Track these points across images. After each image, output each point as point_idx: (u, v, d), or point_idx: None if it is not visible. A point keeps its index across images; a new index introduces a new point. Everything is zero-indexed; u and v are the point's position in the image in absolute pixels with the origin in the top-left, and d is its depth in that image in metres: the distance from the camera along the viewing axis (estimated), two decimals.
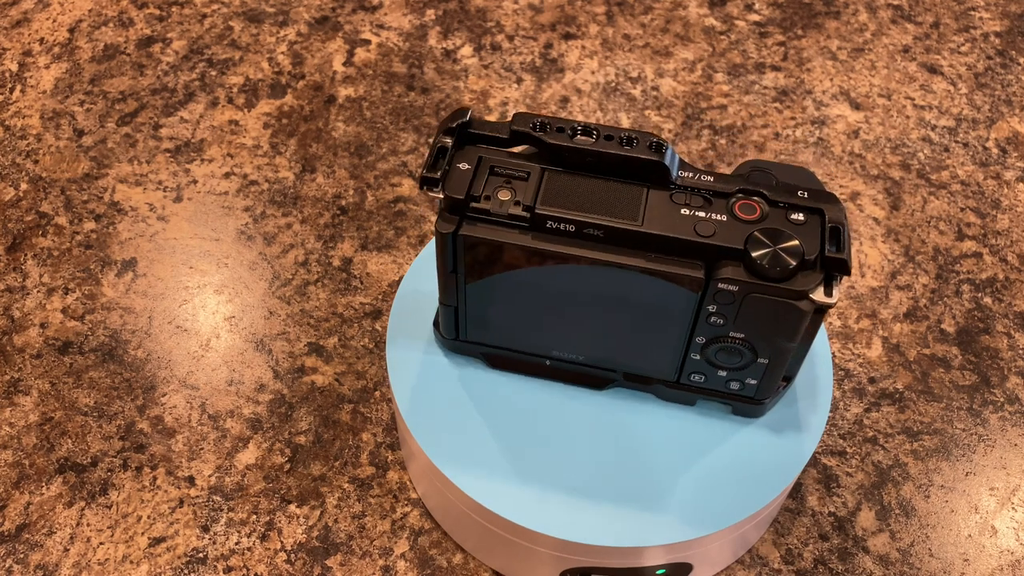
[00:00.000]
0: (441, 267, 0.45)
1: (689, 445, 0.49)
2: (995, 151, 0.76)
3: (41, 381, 0.61)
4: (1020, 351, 0.64)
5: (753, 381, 0.47)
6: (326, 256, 0.68)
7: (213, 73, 0.79)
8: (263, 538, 0.55)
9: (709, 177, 0.43)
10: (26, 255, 0.68)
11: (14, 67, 0.80)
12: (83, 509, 0.56)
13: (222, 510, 0.56)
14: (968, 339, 0.64)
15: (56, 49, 0.81)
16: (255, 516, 0.56)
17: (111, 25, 0.83)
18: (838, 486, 0.58)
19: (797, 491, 0.57)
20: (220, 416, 0.60)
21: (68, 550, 0.55)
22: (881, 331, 0.65)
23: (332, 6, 0.85)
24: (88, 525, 0.56)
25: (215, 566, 0.54)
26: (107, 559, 0.54)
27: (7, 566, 0.54)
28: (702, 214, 0.42)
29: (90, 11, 0.84)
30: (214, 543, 0.55)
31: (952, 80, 0.81)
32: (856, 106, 0.78)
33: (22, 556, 0.54)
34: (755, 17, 0.85)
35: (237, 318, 0.65)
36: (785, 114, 0.78)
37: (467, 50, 0.81)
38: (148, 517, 0.56)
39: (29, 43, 0.82)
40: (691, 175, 0.43)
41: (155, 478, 0.57)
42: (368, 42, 0.82)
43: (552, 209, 0.42)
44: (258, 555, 0.55)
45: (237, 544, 0.55)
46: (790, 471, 0.49)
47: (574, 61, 0.81)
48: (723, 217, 0.42)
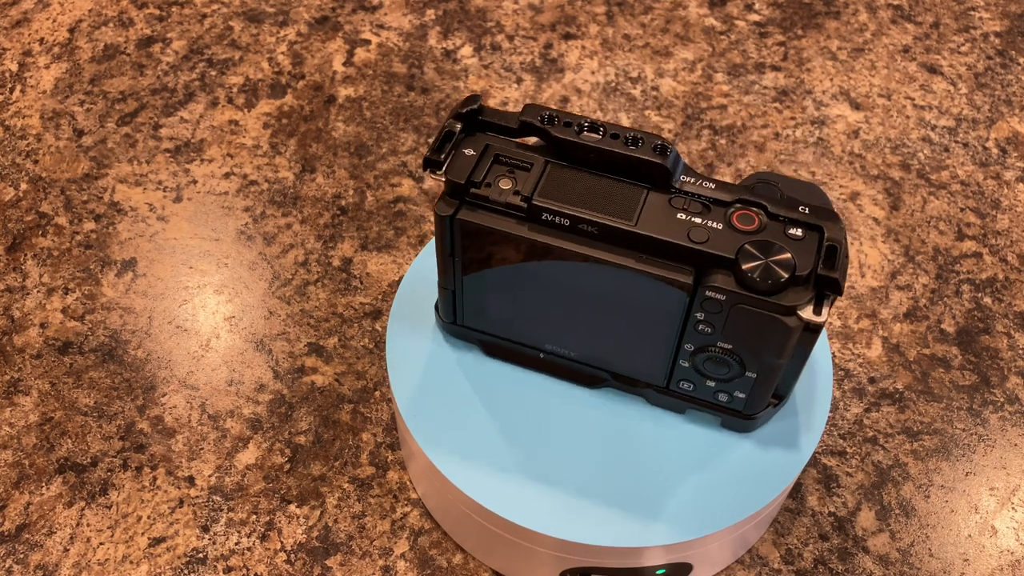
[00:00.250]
0: (439, 250, 0.46)
1: (689, 445, 0.49)
2: (995, 151, 0.76)
3: (41, 381, 0.61)
4: (1020, 351, 0.64)
5: (741, 395, 0.46)
6: (326, 256, 0.68)
7: (213, 73, 0.79)
8: (263, 538, 0.55)
9: (711, 184, 0.42)
10: (26, 255, 0.68)
11: (14, 67, 0.80)
12: (83, 509, 0.56)
13: (222, 510, 0.56)
14: (968, 339, 0.64)
15: (56, 49, 0.81)
16: (255, 516, 0.56)
17: (111, 25, 0.83)
18: (838, 486, 0.58)
19: (797, 491, 0.57)
20: (220, 416, 0.60)
21: (68, 550, 0.55)
22: (881, 331, 0.65)
23: (332, 6, 0.85)
24: (88, 525, 0.56)
25: (215, 566, 0.54)
26: (107, 559, 0.54)
27: (7, 566, 0.54)
28: (698, 220, 0.41)
29: (90, 11, 0.84)
30: (214, 543, 0.55)
31: (952, 80, 0.81)
32: (856, 106, 0.78)
33: (22, 556, 0.54)
34: (755, 17, 0.85)
35: (237, 318, 0.65)
36: (785, 114, 0.78)
37: (467, 50, 0.81)
38: (148, 517, 0.56)
39: (29, 43, 0.82)
40: (694, 181, 0.43)
41: (155, 478, 0.57)
42: (368, 42, 0.82)
43: (549, 202, 0.42)
44: (258, 555, 0.55)
45: (237, 544, 0.55)
46: (790, 471, 0.49)
47: (574, 61, 0.81)
48: (719, 225, 0.41)
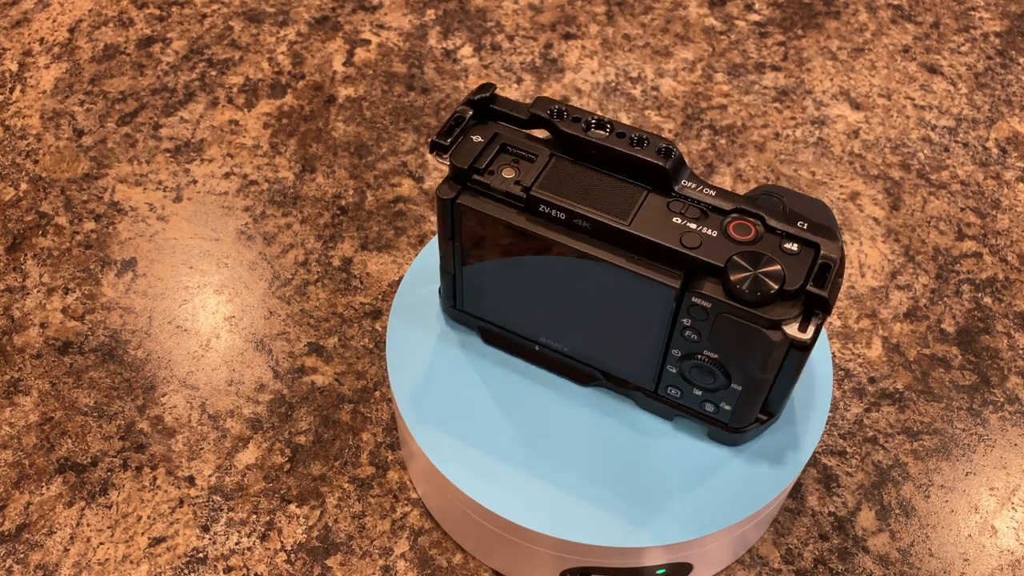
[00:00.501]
0: (441, 232, 0.46)
1: (689, 445, 0.49)
2: (995, 151, 0.76)
3: (41, 381, 0.61)
4: (1020, 351, 0.64)
5: (728, 407, 0.46)
6: (326, 256, 0.68)
7: (213, 73, 0.79)
8: (263, 538, 0.55)
9: (712, 192, 0.42)
10: (26, 255, 0.68)
11: (14, 67, 0.80)
12: (83, 509, 0.56)
13: (222, 510, 0.56)
14: (968, 339, 0.64)
15: (56, 49, 0.81)
16: (255, 516, 0.56)
17: (111, 25, 0.83)
18: (838, 486, 0.58)
19: (797, 491, 0.57)
20: (220, 416, 0.60)
21: (68, 550, 0.55)
22: (881, 331, 0.65)
23: (332, 6, 0.85)
24: (88, 525, 0.56)
25: (215, 566, 0.54)
26: (107, 559, 0.54)
27: (7, 566, 0.54)
28: (693, 226, 0.41)
29: (90, 11, 0.84)
30: (214, 543, 0.55)
31: (952, 80, 0.81)
32: (856, 106, 0.78)
33: (22, 556, 0.54)
34: (755, 17, 0.85)
35: (237, 318, 0.65)
36: (785, 114, 0.78)
37: (467, 50, 0.81)
38: (148, 517, 0.56)
39: (29, 43, 0.82)
40: (695, 186, 0.42)
41: (155, 478, 0.57)
42: (368, 42, 0.82)
43: (547, 194, 0.42)
44: (258, 555, 0.55)
45: (237, 544, 0.55)
46: (790, 471, 0.49)
47: (574, 61, 0.81)
48: (713, 233, 0.41)
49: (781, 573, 0.55)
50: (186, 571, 0.54)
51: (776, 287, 0.39)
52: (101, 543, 0.55)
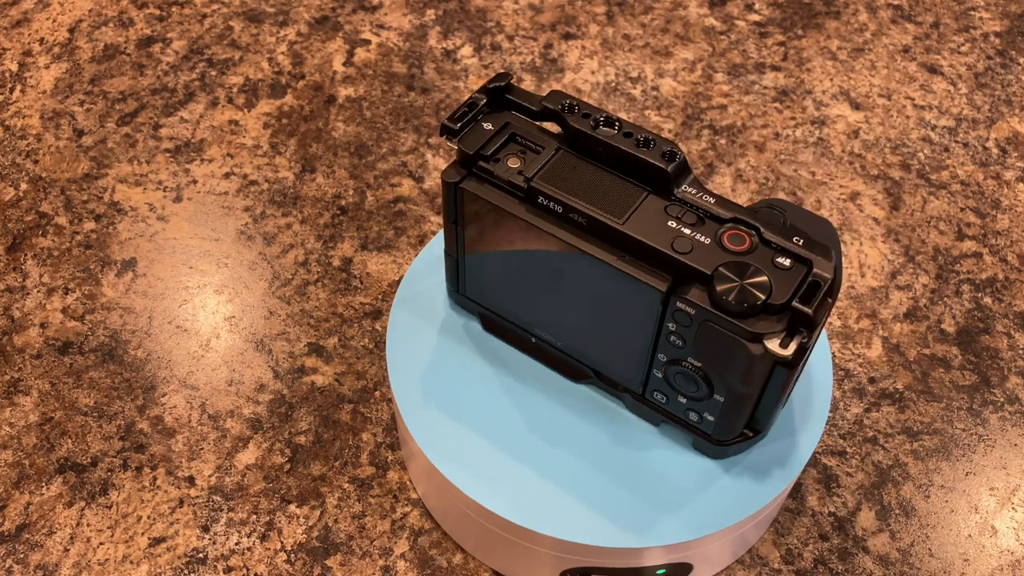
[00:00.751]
0: (445, 216, 0.47)
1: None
2: (995, 151, 0.76)
3: (41, 381, 0.61)
4: (1020, 351, 0.64)
5: (711, 417, 0.46)
6: (326, 256, 0.68)
7: (213, 73, 0.79)
8: (263, 538, 0.55)
9: (712, 199, 0.42)
10: (26, 255, 0.68)
11: (14, 67, 0.80)
12: (83, 509, 0.56)
13: (222, 510, 0.56)
14: (968, 339, 0.64)
15: (56, 49, 0.81)
16: (255, 516, 0.56)
17: (111, 25, 0.83)
18: (838, 486, 0.58)
19: (797, 491, 0.57)
20: (220, 416, 0.60)
21: (68, 550, 0.55)
22: (881, 331, 0.65)
23: (332, 6, 0.85)
24: (88, 525, 0.56)
25: (215, 566, 0.54)
26: (107, 559, 0.54)
27: (7, 566, 0.54)
28: (687, 231, 0.41)
29: (90, 11, 0.84)
30: (214, 543, 0.55)
31: (952, 80, 0.81)
32: (856, 106, 0.78)
33: (22, 556, 0.54)
34: (755, 17, 0.85)
35: (237, 318, 0.65)
36: (785, 114, 0.78)
37: (467, 50, 0.81)
38: (148, 517, 0.56)
39: (29, 43, 0.82)
40: (696, 192, 0.42)
41: (155, 478, 0.57)
42: (368, 42, 0.82)
43: (547, 186, 0.43)
44: (258, 555, 0.55)
45: (237, 544, 0.55)
46: (790, 471, 0.49)
47: (574, 61, 0.81)
48: (707, 240, 0.41)
49: (781, 573, 0.55)
50: (186, 571, 0.54)
51: (762, 299, 0.39)
52: (101, 543, 0.55)
